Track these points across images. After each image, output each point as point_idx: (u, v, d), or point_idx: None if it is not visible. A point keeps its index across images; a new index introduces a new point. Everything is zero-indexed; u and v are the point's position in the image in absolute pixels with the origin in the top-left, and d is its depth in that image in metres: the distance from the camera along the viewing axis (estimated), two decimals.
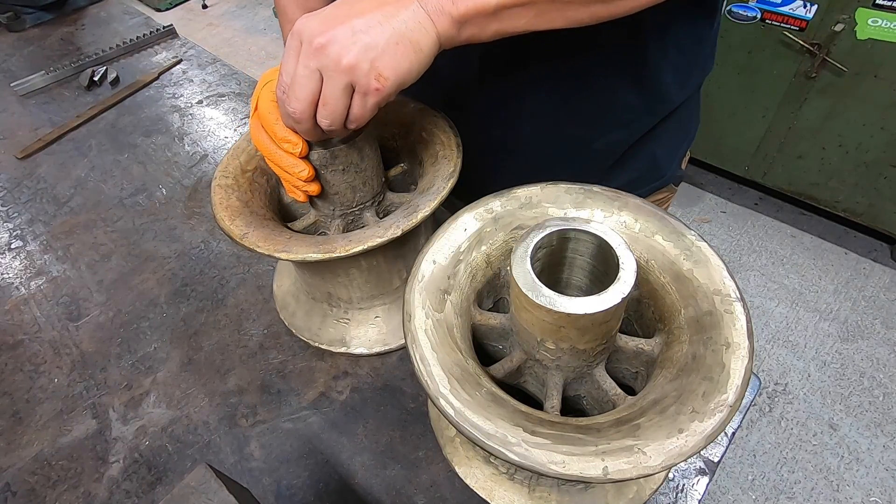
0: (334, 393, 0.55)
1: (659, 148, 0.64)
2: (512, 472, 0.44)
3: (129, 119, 0.94)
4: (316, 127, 0.40)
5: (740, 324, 0.34)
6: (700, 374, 0.33)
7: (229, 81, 1.00)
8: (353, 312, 0.56)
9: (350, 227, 0.52)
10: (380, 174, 0.51)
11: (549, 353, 0.36)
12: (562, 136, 0.60)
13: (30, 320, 0.65)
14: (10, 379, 0.59)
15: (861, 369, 1.48)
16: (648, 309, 0.41)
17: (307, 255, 0.42)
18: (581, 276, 0.40)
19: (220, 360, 0.58)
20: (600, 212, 0.42)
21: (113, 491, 0.50)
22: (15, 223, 0.77)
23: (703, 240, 0.38)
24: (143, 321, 0.63)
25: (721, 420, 0.30)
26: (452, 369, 0.34)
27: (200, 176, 0.81)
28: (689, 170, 1.98)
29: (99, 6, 1.29)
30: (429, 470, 0.49)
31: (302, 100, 0.37)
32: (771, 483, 1.31)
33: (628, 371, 0.41)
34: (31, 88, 1.03)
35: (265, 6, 3.31)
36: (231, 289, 0.65)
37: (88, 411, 0.56)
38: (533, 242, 0.34)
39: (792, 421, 1.41)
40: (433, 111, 0.54)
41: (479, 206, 0.43)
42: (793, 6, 1.37)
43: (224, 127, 0.90)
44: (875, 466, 1.31)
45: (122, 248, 0.72)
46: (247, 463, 0.50)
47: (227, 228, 0.46)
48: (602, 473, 0.28)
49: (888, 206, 1.52)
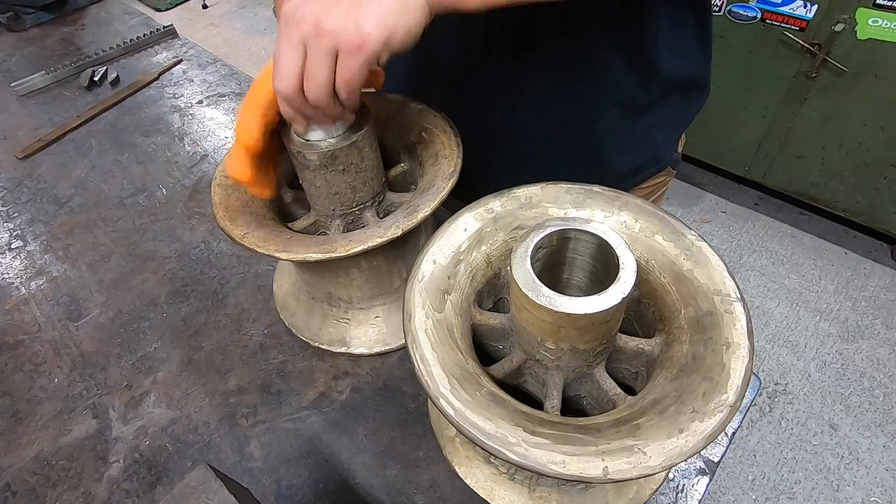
0: (334, 393, 0.55)
1: (659, 132, 0.64)
2: (512, 472, 0.44)
3: (130, 119, 0.94)
4: (306, 103, 0.38)
5: (740, 324, 0.34)
6: (700, 374, 0.33)
7: (229, 81, 1.00)
8: (354, 312, 0.56)
9: (350, 227, 0.52)
10: (380, 174, 0.51)
11: (549, 353, 0.36)
12: (564, 117, 0.60)
13: (30, 320, 0.65)
14: (10, 379, 0.59)
15: (861, 369, 1.48)
16: (649, 309, 0.41)
17: (307, 255, 0.42)
18: (581, 276, 0.40)
19: (220, 360, 0.58)
20: (600, 212, 0.42)
21: (113, 491, 0.50)
22: (15, 223, 0.77)
23: (703, 240, 0.38)
24: (144, 321, 0.63)
25: (721, 420, 0.30)
26: (452, 369, 0.34)
27: (201, 176, 0.81)
28: (688, 170, 1.99)
29: (99, 6, 1.29)
30: (429, 470, 0.49)
31: (287, 76, 0.36)
32: (771, 483, 1.31)
33: (628, 371, 0.41)
34: (32, 88, 1.03)
35: (265, 6, 3.30)
36: (231, 289, 0.65)
37: (89, 411, 0.56)
38: (533, 242, 0.34)
39: (792, 421, 1.41)
40: (433, 111, 0.54)
41: (480, 206, 0.43)
42: (793, 6, 1.37)
43: (224, 127, 0.90)
44: (875, 466, 1.31)
45: (122, 248, 0.72)
46: (247, 463, 0.50)
47: (227, 228, 0.46)
48: (602, 473, 0.28)
49: (888, 206, 1.52)
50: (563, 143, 0.62)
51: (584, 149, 0.62)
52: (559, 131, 0.61)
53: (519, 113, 0.60)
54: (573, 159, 0.63)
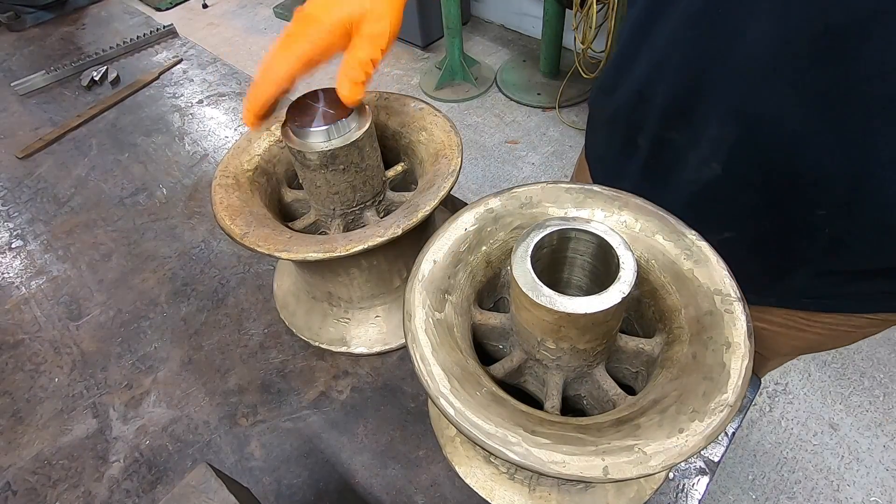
0: (334, 392, 0.55)
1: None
2: (512, 471, 0.44)
3: (130, 118, 0.94)
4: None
5: (741, 323, 0.34)
6: (700, 374, 0.33)
7: (230, 81, 1.00)
8: (354, 312, 0.56)
9: (350, 227, 0.52)
10: (380, 173, 0.51)
11: (550, 353, 0.36)
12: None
13: (30, 320, 0.65)
14: (10, 378, 0.59)
15: (861, 369, 1.48)
16: (649, 309, 0.41)
17: (308, 254, 0.42)
18: (581, 275, 0.40)
19: (220, 359, 0.58)
20: (601, 211, 0.42)
21: (113, 490, 0.50)
22: (15, 222, 0.77)
23: (703, 239, 0.38)
24: (144, 321, 0.63)
25: (721, 420, 0.30)
26: (453, 369, 0.34)
27: (201, 175, 0.81)
28: None
29: (99, 6, 1.28)
30: (429, 469, 0.49)
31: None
32: (771, 483, 1.31)
33: (628, 371, 0.41)
34: (32, 88, 1.02)
35: (265, 6, 3.30)
36: (231, 288, 0.65)
37: (89, 411, 0.56)
38: (533, 242, 0.34)
39: (792, 421, 1.41)
40: (433, 110, 0.54)
41: (480, 206, 0.43)
42: None
43: (224, 126, 0.90)
44: (875, 466, 1.31)
45: (122, 247, 0.72)
46: (247, 462, 0.50)
47: (228, 228, 0.46)
48: (602, 473, 0.28)
49: None
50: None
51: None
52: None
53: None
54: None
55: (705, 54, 0.42)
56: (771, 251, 0.50)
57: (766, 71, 0.39)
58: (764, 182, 0.45)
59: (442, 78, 2.48)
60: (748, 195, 0.47)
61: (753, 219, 0.48)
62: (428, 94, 2.50)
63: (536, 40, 2.66)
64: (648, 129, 0.52)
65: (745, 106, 0.42)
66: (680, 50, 0.44)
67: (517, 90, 2.45)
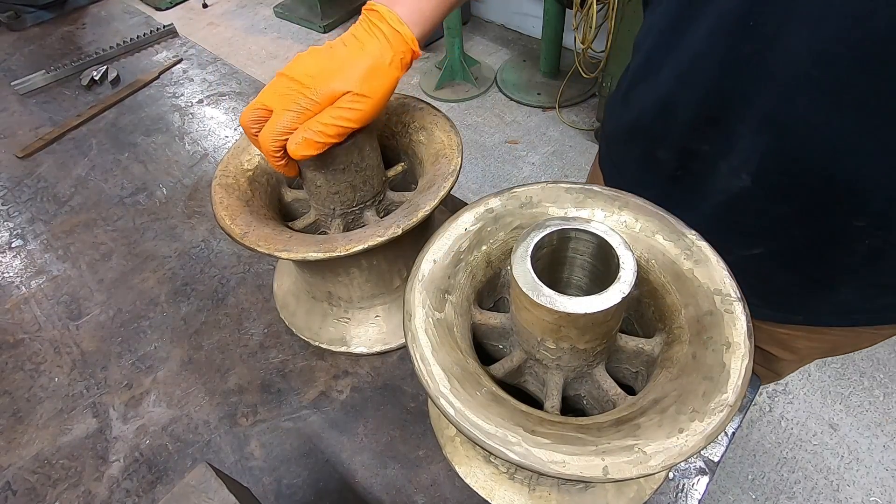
0: (334, 392, 0.55)
1: None
2: (512, 471, 0.44)
3: (130, 118, 0.94)
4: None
5: (740, 323, 0.34)
6: (700, 374, 0.33)
7: (230, 81, 1.00)
8: (354, 312, 0.56)
9: (350, 227, 0.52)
10: (380, 173, 0.51)
11: (550, 353, 0.36)
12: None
13: (30, 319, 0.65)
14: (10, 378, 0.59)
15: (861, 369, 1.48)
16: (649, 308, 0.41)
17: (308, 254, 0.42)
18: (581, 275, 0.40)
19: (220, 359, 0.58)
20: (601, 211, 0.42)
21: (113, 490, 0.50)
22: (15, 222, 0.77)
23: (703, 239, 0.38)
24: (144, 320, 0.63)
25: (721, 420, 0.30)
26: (453, 369, 0.34)
27: (201, 175, 0.81)
28: None
29: (99, 5, 1.28)
30: (429, 469, 0.49)
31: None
32: (771, 483, 1.31)
33: (628, 371, 0.41)
34: (32, 87, 1.02)
35: (265, 6, 3.30)
36: (231, 288, 0.65)
37: (89, 410, 0.56)
38: (533, 242, 0.34)
39: (792, 421, 1.41)
40: (433, 110, 0.54)
41: (480, 206, 0.43)
42: None
43: (224, 126, 0.90)
44: (875, 466, 1.31)
45: (122, 247, 0.72)
46: (247, 462, 0.50)
47: (228, 228, 0.46)
48: (602, 473, 0.28)
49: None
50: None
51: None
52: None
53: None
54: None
55: (739, 62, 0.41)
56: (806, 264, 0.49)
57: (802, 78, 0.38)
58: (797, 192, 0.44)
59: (442, 78, 2.48)
60: (779, 206, 0.46)
61: (785, 231, 0.47)
62: (428, 93, 2.49)
63: (536, 40, 2.66)
64: (673, 140, 0.50)
65: (780, 114, 0.41)
66: (712, 58, 0.43)
67: (517, 90, 2.45)
